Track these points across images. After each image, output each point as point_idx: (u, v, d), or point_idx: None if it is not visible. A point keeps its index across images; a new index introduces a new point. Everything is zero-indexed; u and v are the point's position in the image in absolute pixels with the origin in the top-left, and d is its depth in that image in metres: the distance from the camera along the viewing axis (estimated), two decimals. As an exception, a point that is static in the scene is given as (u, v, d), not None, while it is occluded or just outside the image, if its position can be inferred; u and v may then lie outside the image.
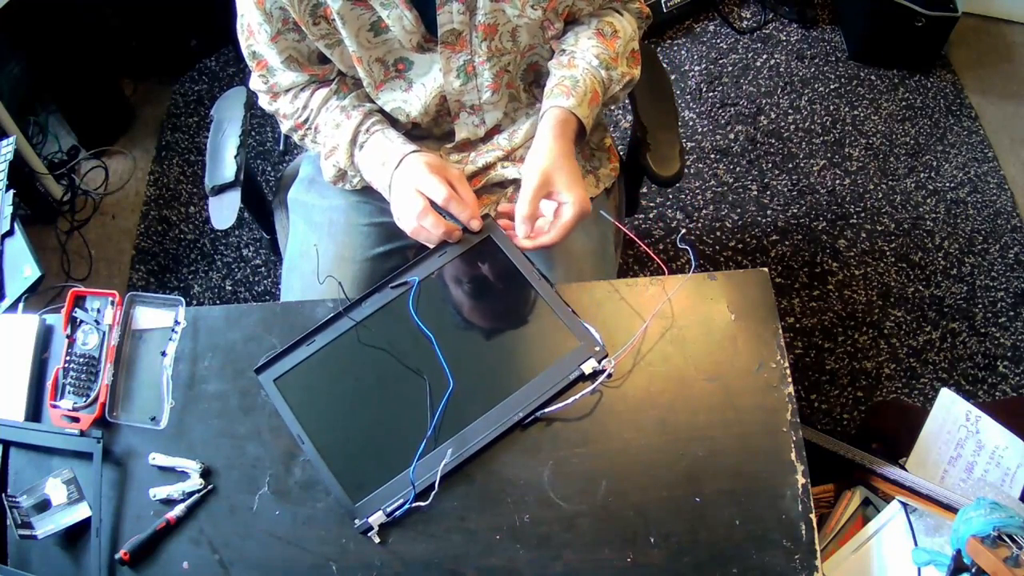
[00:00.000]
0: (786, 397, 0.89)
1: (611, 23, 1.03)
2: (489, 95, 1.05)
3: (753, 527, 0.84)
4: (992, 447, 1.04)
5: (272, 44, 0.98)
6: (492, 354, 0.94)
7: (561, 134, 0.96)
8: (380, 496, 0.85)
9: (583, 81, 0.99)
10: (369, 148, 1.03)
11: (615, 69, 1.02)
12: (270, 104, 1.09)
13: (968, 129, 2.28)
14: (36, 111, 2.22)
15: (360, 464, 0.88)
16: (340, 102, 1.05)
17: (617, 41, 1.02)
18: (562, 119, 0.97)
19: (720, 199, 2.14)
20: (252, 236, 2.07)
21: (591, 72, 1.00)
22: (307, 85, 1.06)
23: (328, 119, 1.05)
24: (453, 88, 1.03)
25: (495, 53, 1.00)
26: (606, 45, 1.01)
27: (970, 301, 1.98)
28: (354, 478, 0.86)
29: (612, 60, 1.02)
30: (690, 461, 0.87)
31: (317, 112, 1.05)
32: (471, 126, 1.10)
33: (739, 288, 0.95)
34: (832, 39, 2.45)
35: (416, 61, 1.00)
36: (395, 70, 1.01)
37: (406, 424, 0.88)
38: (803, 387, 1.86)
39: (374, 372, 0.92)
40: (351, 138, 1.03)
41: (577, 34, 1.03)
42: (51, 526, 0.84)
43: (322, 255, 1.13)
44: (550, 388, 0.89)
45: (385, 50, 0.98)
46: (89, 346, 0.93)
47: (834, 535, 1.03)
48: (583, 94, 0.98)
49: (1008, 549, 0.79)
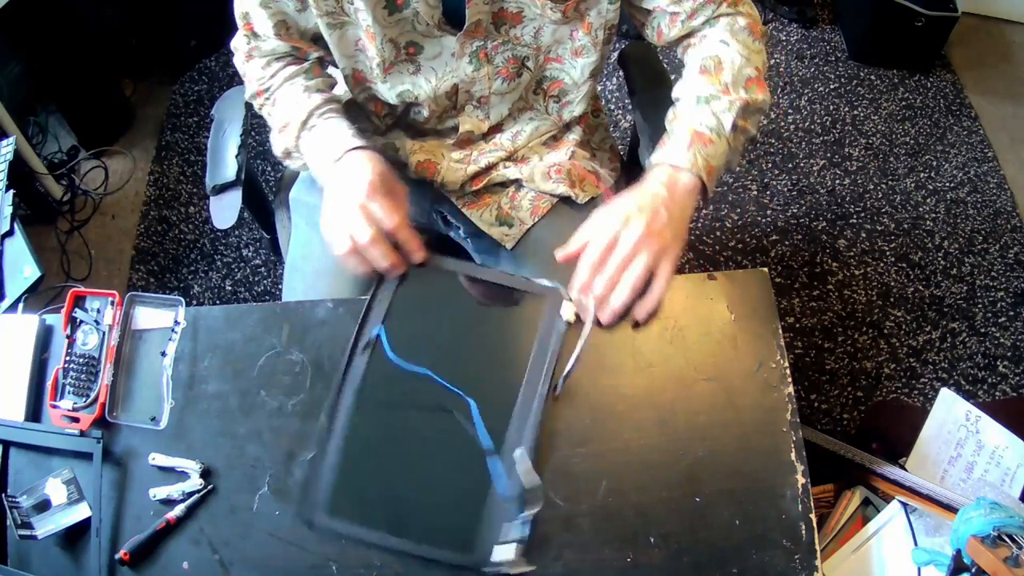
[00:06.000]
0: (786, 397, 0.89)
1: (715, 56, 0.96)
2: (499, 83, 1.03)
3: (753, 527, 0.84)
4: (992, 447, 1.04)
5: (266, 6, 0.95)
6: (485, 355, 0.93)
7: (639, 188, 0.91)
8: (486, 538, 0.82)
9: (680, 128, 0.94)
10: (317, 132, 0.99)
11: (718, 100, 0.94)
12: (242, 64, 1.06)
13: (968, 129, 2.28)
14: (36, 111, 2.22)
15: (440, 520, 0.84)
16: (306, 81, 1.02)
17: (723, 72, 0.95)
18: (649, 174, 0.93)
19: (720, 199, 2.14)
20: (252, 236, 2.07)
21: (688, 114, 0.94)
22: (284, 56, 1.04)
23: (289, 93, 1.02)
24: (465, 75, 1.01)
25: (512, 40, 0.98)
26: (711, 80, 0.95)
27: (970, 301, 1.98)
28: (451, 535, 0.83)
29: (717, 94, 0.94)
30: (690, 461, 0.87)
31: (280, 85, 1.03)
32: (475, 119, 1.09)
33: (739, 288, 0.95)
34: (832, 39, 2.46)
35: (427, 46, 0.98)
36: (406, 53, 0.99)
37: (454, 460, 0.86)
38: (803, 387, 1.86)
39: (400, 432, 0.88)
40: (304, 118, 0.99)
41: (684, 79, 0.99)
42: (51, 526, 0.84)
43: (323, 255, 1.12)
44: (551, 352, 0.88)
45: (398, 31, 0.96)
46: (89, 346, 0.93)
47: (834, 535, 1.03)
48: (678, 140, 0.93)
49: (1008, 549, 0.79)
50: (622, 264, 0.87)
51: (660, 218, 0.88)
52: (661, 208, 0.89)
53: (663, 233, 0.88)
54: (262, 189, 1.47)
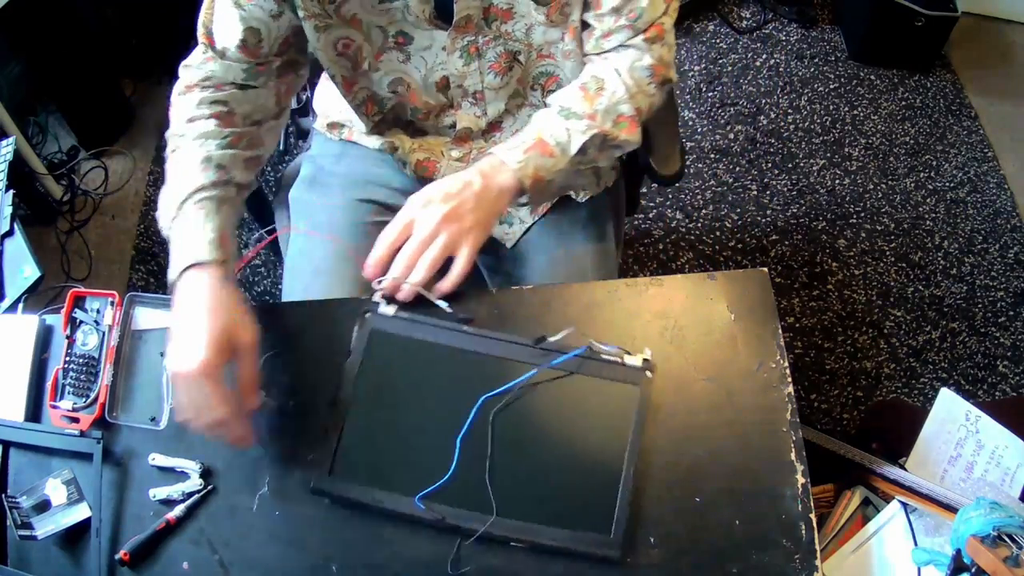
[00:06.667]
0: (786, 397, 0.89)
1: (599, 79, 0.95)
2: (492, 77, 1.03)
3: (753, 527, 0.84)
4: (992, 447, 1.04)
5: (239, 6, 0.90)
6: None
7: (456, 174, 0.90)
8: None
9: (530, 129, 0.93)
10: (180, 224, 0.85)
11: (580, 120, 0.93)
12: (178, 96, 0.96)
13: (968, 129, 2.28)
14: (36, 111, 2.22)
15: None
16: (215, 150, 0.91)
17: (600, 98, 0.94)
18: (480, 161, 0.92)
19: (720, 199, 2.14)
20: (252, 236, 2.07)
21: (545, 121, 0.93)
22: (218, 104, 0.94)
23: (190, 155, 0.90)
24: (456, 69, 1.00)
25: (503, 36, 0.98)
26: (584, 100, 0.94)
27: (970, 301, 1.98)
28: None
29: (581, 114, 0.93)
30: (690, 461, 0.87)
31: (190, 141, 0.91)
32: (473, 116, 1.09)
33: (739, 288, 0.95)
34: (832, 39, 2.46)
35: (417, 36, 0.97)
36: (394, 41, 0.98)
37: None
38: (803, 387, 1.86)
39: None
40: (182, 198, 0.86)
41: (564, 88, 0.98)
42: (51, 526, 0.84)
43: (323, 255, 1.12)
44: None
45: (387, 19, 0.95)
46: (89, 346, 0.93)
47: (834, 535, 1.03)
48: (522, 140, 0.92)
49: (1008, 549, 0.79)
50: (419, 246, 0.86)
51: (466, 204, 0.88)
52: (469, 194, 0.88)
53: (465, 217, 0.87)
54: (262, 188, 1.47)
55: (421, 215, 0.87)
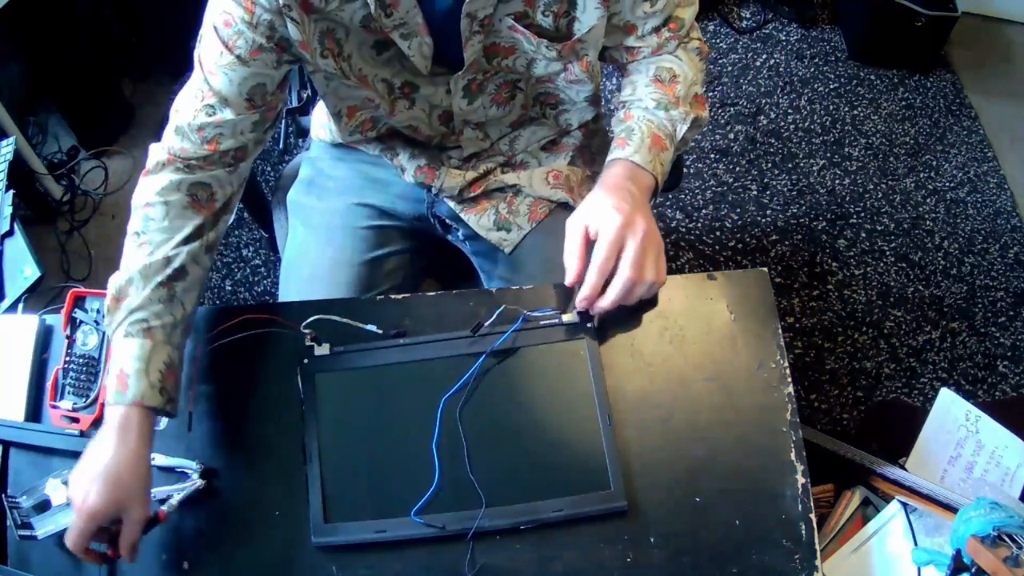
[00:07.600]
0: (786, 397, 0.89)
1: (669, 68, 0.98)
2: (495, 109, 1.05)
3: (753, 527, 0.84)
4: (992, 447, 1.04)
5: (242, 66, 0.88)
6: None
7: (613, 185, 0.90)
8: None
9: (639, 129, 0.95)
10: (123, 338, 0.83)
11: (675, 109, 0.97)
12: (152, 172, 0.98)
13: (968, 129, 2.28)
14: (36, 111, 2.22)
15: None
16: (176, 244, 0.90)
17: (677, 86, 0.98)
18: (615, 171, 0.92)
19: (720, 199, 2.14)
20: (252, 236, 2.07)
21: (647, 117, 0.96)
22: (196, 188, 0.94)
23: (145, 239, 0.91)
24: (460, 108, 1.02)
25: (503, 70, 0.99)
26: (664, 91, 0.97)
27: (970, 301, 1.98)
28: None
29: (673, 103, 0.97)
30: (690, 461, 0.87)
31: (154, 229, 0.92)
32: (476, 140, 1.10)
33: (739, 288, 0.95)
34: (832, 39, 2.46)
35: (422, 85, 0.99)
36: (401, 92, 1.00)
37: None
38: (803, 387, 1.86)
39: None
40: (125, 315, 0.84)
41: (635, 84, 1.00)
42: (51, 526, 0.84)
43: (319, 258, 1.12)
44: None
45: (390, 72, 0.96)
46: (89, 346, 0.93)
47: (834, 535, 1.03)
48: (640, 140, 0.94)
49: (1008, 549, 0.79)
50: (635, 265, 0.85)
51: (646, 213, 0.89)
52: (641, 205, 0.89)
53: (655, 231, 0.88)
54: (261, 189, 1.47)
55: (629, 235, 0.85)
